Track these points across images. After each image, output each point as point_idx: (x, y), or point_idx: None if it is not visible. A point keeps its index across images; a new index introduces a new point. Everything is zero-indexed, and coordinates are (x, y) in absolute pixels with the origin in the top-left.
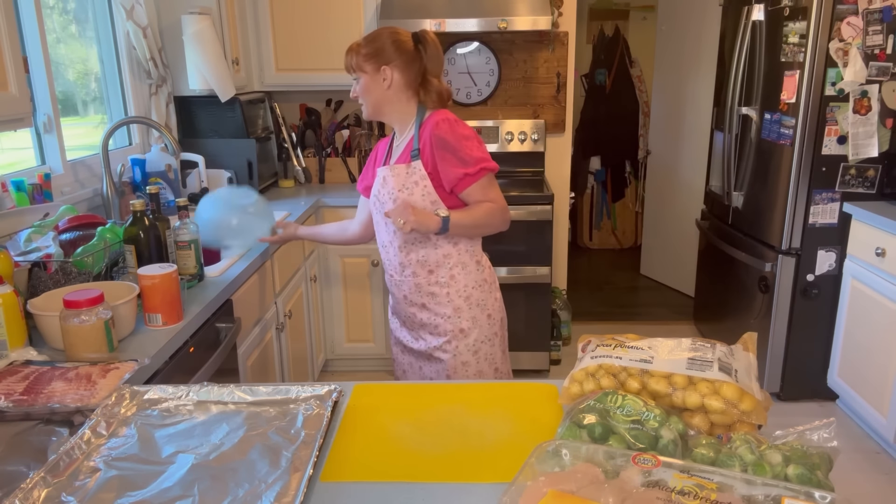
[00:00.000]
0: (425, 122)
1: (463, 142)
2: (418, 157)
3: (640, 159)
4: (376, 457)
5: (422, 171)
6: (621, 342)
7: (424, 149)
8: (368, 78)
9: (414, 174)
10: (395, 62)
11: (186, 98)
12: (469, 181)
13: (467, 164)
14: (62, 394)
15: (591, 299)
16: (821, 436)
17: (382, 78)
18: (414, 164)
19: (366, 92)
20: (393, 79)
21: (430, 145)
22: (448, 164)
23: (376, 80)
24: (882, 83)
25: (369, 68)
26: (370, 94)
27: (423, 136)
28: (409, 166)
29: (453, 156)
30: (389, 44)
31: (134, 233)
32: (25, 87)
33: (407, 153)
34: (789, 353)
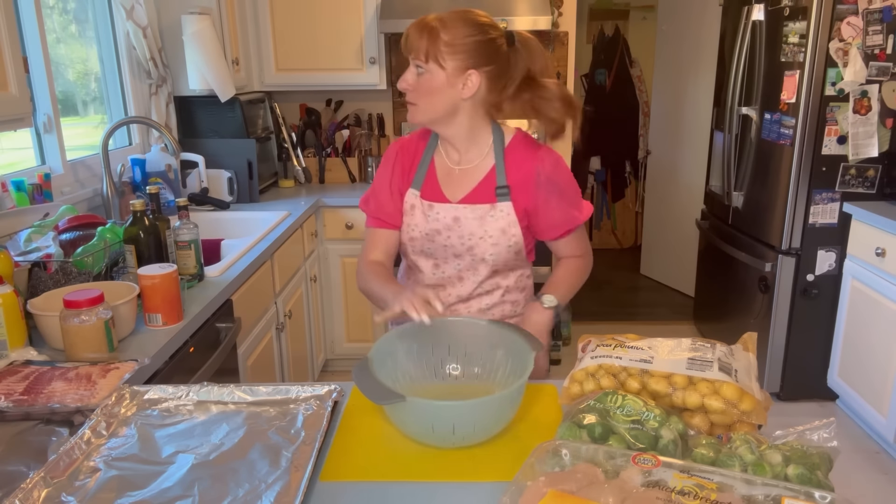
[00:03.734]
0: (511, 149)
1: (569, 179)
2: (508, 198)
3: (640, 159)
4: (376, 456)
5: (511, 216)
6: (621, 342)
7: (518, 187)
8: (444, 76)
9: (499, 219)
10: (486, 69)
11: (186, 98)
12: (573, 230)
13: (576, 209)
14: (62, 394)
15: (591, 299)
16: (821, 436)
17: (463, 83)
18: (501, 205)
19: (431, 92)
20: (479, 89)
21: (531, 185)
22: (555, 209)
23: (454, 84)
24: (882, 83)
25: (451, 65)
26: (437, 95)
27: (514, 168)
28: (493, 207)
29: (562, 199)
30: (482, 41)
31: (134, 233)
32: (25, 87)
33: (488, 189)
34: (789, 353)
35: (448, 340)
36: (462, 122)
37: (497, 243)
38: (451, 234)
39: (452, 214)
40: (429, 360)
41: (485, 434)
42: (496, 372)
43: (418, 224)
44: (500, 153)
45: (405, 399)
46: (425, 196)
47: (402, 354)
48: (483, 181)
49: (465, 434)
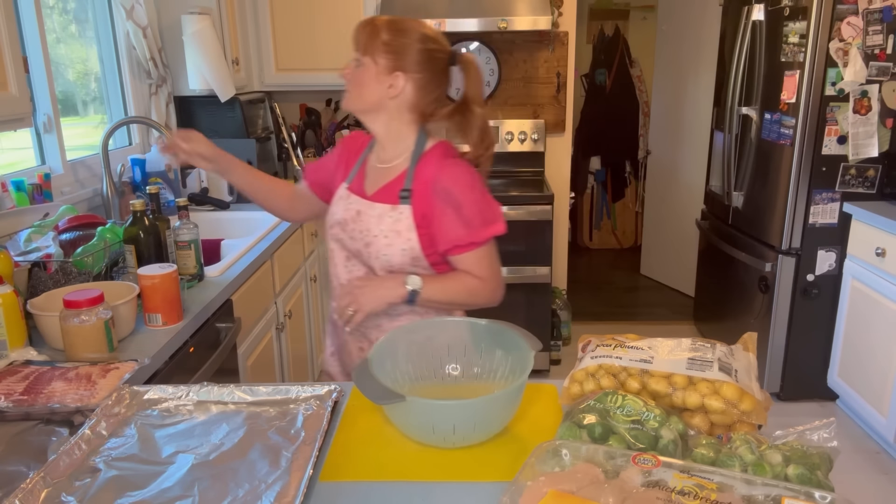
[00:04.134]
0: (425, 157)
1: (471, 197)
2: (408, 202)
3: (640, 159)
4: (376, 456)
5: (409, 220)
6: (621, 342)
7: (419, 193)
8: (373, 72)
9: (399, 221)
10: (416, 75)
11: (186, 98)
12: (464, 249)
13: (471, 228)
14: (62, 394)
15: (591, 299)
16: (821, 436)
17: (389, 84)
18: (401, 207)
19: (362, 83)
20: (403, 92)
21: (429, 192)
22: (448, 222)
23: (381, 81)
24: (882, 83)
25: (382, 62)
26: (365, 88)
27: (421, 175)
28: (394, 209)
29: (457, 214)
30: (418, 50)
31: (134, 233)
32: (25, 87)
33: (394, 190)
34: (789, 353)
35: (448, 340)
36: (385, 120)
37: (391, 244)
38: (354, 226)
39: (357, 207)
40: (428, 360)
41: (485, 434)
42: (496, 372)
43: (334, 212)
44: (415, 159)
45: (405, 399)
46: (350, 189)
47: (402, 355)
48: (392, 182)
49: (465, 434)
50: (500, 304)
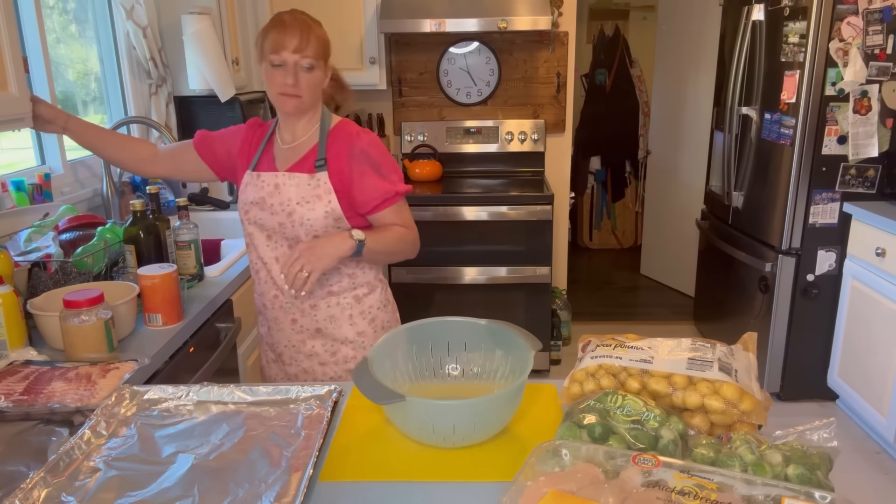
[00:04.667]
0: (334, 131)
1: (385, 157)
2: (324, 169)
3: (640, 159)
4: (376, 456)
5: (327, 185)
6: (621, 342)
7: (333, 160)
8: (323, 72)
9: (318, 187)
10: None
11: (186, 98)
12: (389, 202)
13: (392, 183)
14: (62, 394)
15: (591, 299)
16: (821, 436)
17: (325, 74)
18: (319, 175)
19: (317, 86)
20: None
21: (345, 158)
22: (369, 180)
23: (324, 76)
24: (882, 83)
25: (324, 62)
26: (319, 88)
27: (333, 145)
28: (312, 177)
29: (376, 172)
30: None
31: (134, 233)
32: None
33: (308, 161)
34: (789, 353)
35: (447, 340)
36: (314, 110)
37: (313, 209)
38: (273, 200)
39: (274, 181)
40: (428, 360)
41: (485, 433)
42: (496, 371)
43: (248, 196)
44: (325, 133)
45: (405, 399)
46: (256, 169)
47: (402, 355)
48: (306, 156)
49: (465, 433)
50: (500, 304)
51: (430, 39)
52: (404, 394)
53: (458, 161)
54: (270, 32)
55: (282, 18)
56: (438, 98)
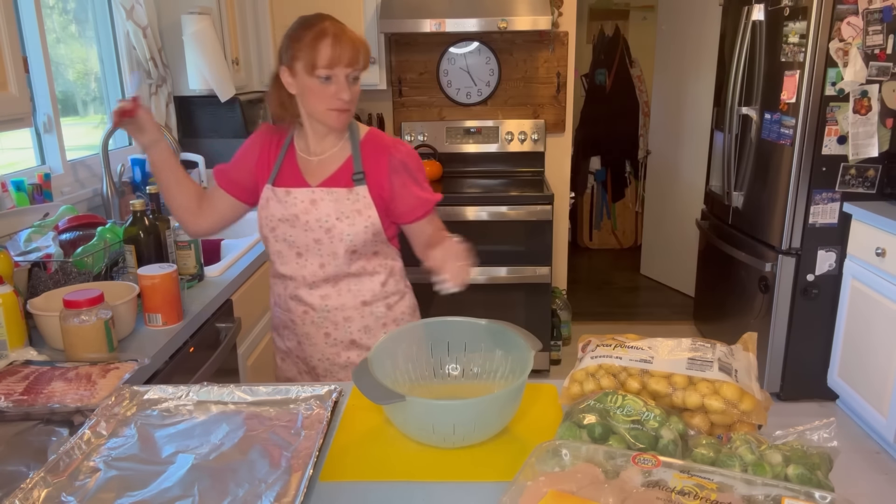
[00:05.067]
0: (366, 141)
1: (421, 168)
2: (363, 182)
3: (640, 159)
4: (376, 456)
5: (367, 199)
6: (621, 342)
7: (372, 173)
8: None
9: (357, 201)
10: None
11: (186, 98)
12: (428, 212)
13: (429, 192)
14: (62, 394)
15: (591, 299)
16: (821, 436)
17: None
18: (357, 189)
19: (358, 96)
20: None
21: (385, 170)
22: (410, 191)
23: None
24: (882, 83)
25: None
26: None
27: (370, 157)
28: (350, 191)
29: (415, 183)
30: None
31: (134, 233)
32: (25, 87)
33: (345, 174)
34: (789, 353)
35: (447, 340)
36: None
37: (353, 224)
38: (308, 217)
39: (310, 197)
40: (428, 361)
41: (485, 433)
42: (496, 371)
43: (275, 212)
44: (356, 145)
45: (405, 399)
46: (281, 184)
47: (402, 355)
48: (341, 169)
49: (465, 433)
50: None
51: (430, 39)
52: (404, 394)
53: (459, 161)
54: (319, 45)
55: (326, 29)
56: (438, 98)
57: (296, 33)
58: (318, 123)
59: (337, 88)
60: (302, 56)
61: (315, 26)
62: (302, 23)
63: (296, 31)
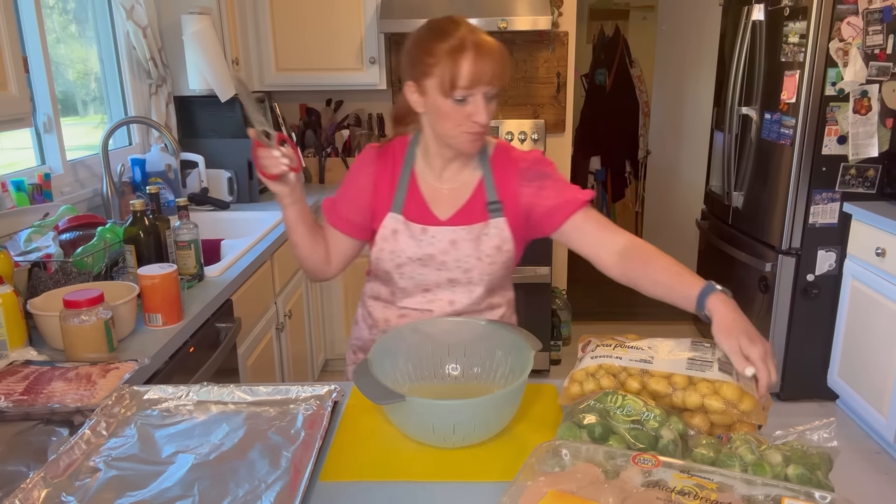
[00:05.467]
0: (495, 159)
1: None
2: (501, 214)
3: (640, 159)
4: (376, 456)
5: (506, 232)
6: (621, 342)
7: (506, 200)
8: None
9: (492, 237)
10: None
11: (186, 98)
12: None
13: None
14: (62, 394)
15: (591, 299)
16: (821, 436)
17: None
18: (494, 222)
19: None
20: None
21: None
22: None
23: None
24: (882, 83)
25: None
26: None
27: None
28: (487, 225)
29: (554, 181)
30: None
31: (134, 233)
32: (25, 87)
33: (477, 204)
34: (789, 353)
35: (447, 340)
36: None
37: (494, 262)
38: (446, 257)
39: (449, 237)
40: (428, 361)
41: (485, 433)
42: (496, 371)
43: (405, 249)
44: (487, 165)
45: (405, 399)
46: (412, 218)
47: (402, 355)
48: (472, 197)
49: (465, 433)
50: None
51: None
52: (404, 394)
53: None
54: (458, 62)
55: (464, 41)
56: None
57: (427, 45)
58: (445, 147)
59: (474, 110)
60: (436, 73)
61: (451, 36)
62: (434, 31)
63: (427, 41)
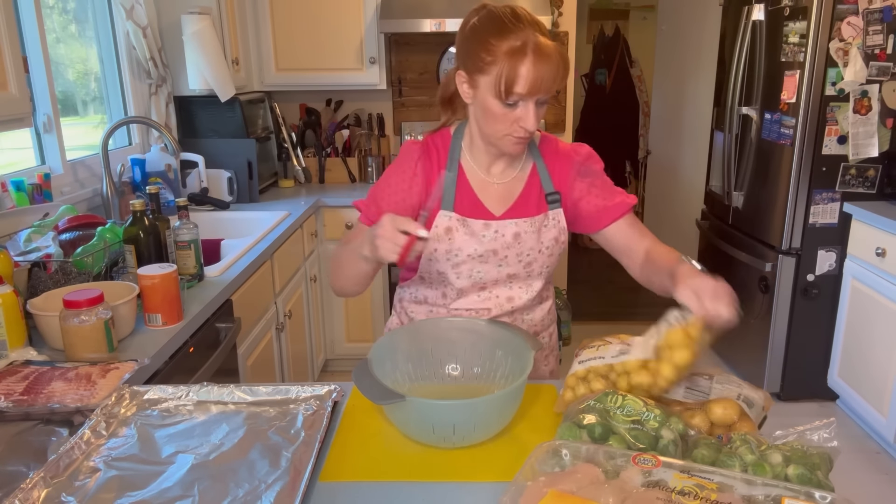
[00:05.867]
0: (546, 151)
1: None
2: (559, 205)
3: (640, 159)
4: (376, 456)
5: (562, 224)
6: (606, 341)
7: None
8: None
9: (551, 228)
10: None
11: (186, 98)
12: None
13: (621, 194)
14: (62, 394)
15: (591, 299)
16: (821, 436)
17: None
18: (553, 213)
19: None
20: None
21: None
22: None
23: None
24: (882, 83)
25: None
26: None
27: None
28: (546, 217)
29: (604, 182)
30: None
31: (134, 233)
32: (25, 87)
33: (532, 196)
34: (789, 353)
35: (448, 340)
36: None
37: (552, 254)
38: (509, 252)
39: (513, 231)
40: (428, 361)
41: (485, 433)
42: (496, 371)
43: (462, 247)
44: (538, 156)
45: (405, 399)
46: (468, 214)
47: (402, 355)
48: (526, 189)
49: (465, 433)
50: None
51: (429, 39)
52: (404, 394)
53: None
54: (517, 66)
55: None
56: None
57: (486, 39)
58: (490, 144)
59: (523, 114)
60: (492, 73)
61: (512, 35)
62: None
63: (486, 33)
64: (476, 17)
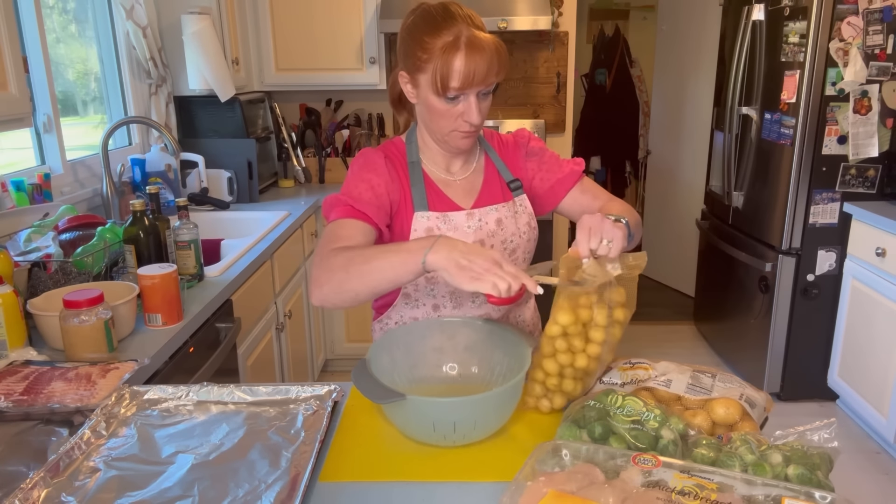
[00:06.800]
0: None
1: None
2: (522, 191)
3: (640, 159)
4: (376, 456)
5: (529, 208)
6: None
7: (523, 177)
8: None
9: (521, 214)
10: None
11: (186, 98)
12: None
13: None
14: (62, 394)
15: None
16: (821, 436)
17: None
18: (519, 199)
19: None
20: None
21: (523, 167)
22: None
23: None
24: (882, 83)
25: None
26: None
27: (510, 159)
28: (514, 203)
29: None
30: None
31: (134, 233)
32: (25, 87)
33: (494, 186)
34: (789, 353)
35: (445, 340)
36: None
37: (530, 239)
38: (494, 240)
39: (494, 216)
40: (427, 360)
41: (485, 431)
42: (494, 370)
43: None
44: (490, 148)
45: (405, 397)
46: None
47: (401, 355)
48: (487, 179)
49: (466, 431)
50: None
51: None
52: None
53: None
54: (450, 61)
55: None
56: None
57: (420, 37)
58: (440, 142)
59: (466, 109)
60: (427, 69)
61: (445, 30)
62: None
63: (420, 31)
64: (412, 16)
